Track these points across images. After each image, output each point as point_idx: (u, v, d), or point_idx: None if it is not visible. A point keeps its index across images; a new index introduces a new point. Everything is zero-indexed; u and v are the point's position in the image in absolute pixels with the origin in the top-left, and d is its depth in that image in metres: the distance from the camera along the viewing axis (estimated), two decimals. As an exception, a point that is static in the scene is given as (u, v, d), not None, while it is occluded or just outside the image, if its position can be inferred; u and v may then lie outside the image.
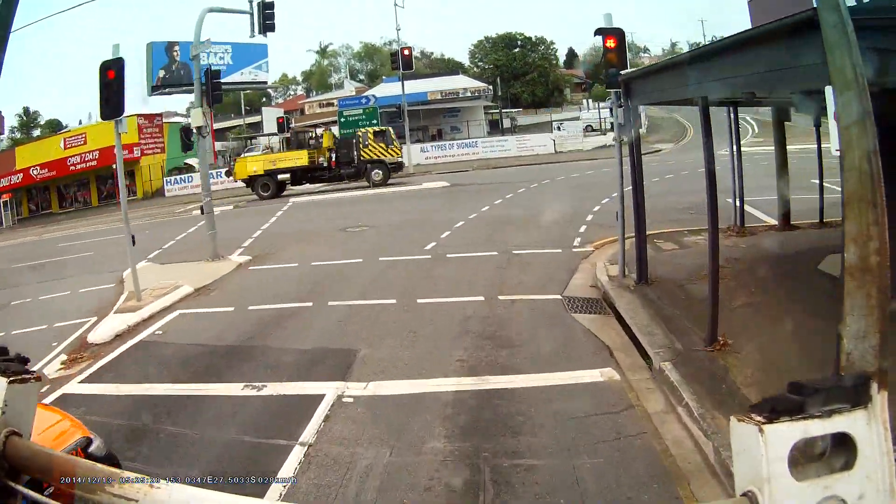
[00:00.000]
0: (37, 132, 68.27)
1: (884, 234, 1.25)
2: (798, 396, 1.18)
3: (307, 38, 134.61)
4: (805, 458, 1.19)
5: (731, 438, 1.21)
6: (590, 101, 64.83)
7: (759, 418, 1.16)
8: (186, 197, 39.68)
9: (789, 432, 1.15)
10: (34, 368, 2.09)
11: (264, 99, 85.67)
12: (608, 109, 49.24)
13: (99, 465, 1.34)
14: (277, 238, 17.51)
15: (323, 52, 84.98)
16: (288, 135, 53.61)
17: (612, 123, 41.58)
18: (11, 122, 68.99)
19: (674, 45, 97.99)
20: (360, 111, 35.83)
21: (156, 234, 21.86)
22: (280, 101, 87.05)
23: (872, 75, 3.67)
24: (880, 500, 1.18)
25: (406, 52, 30.98)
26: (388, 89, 44.19)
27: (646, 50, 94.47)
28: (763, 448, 1.13)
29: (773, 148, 15.34)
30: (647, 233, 14.23)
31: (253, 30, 19.19)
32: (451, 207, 19.58)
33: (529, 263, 12.21)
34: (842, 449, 1.20)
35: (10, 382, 1.42)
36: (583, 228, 15.09)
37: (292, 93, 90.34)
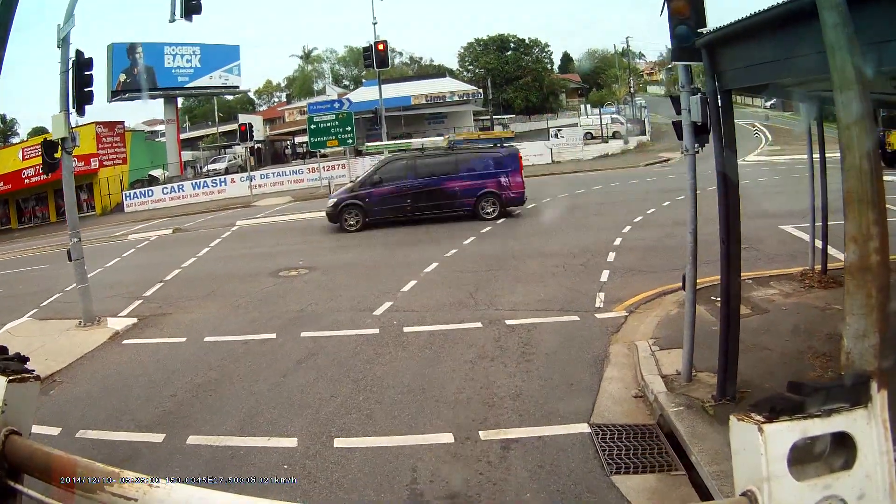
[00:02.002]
0: (16, 141, 63.55)
1: (884, 234, 1.26)
2: (798, 396, 1.18)
3: (294, 43, 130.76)
4: (805, 458, 1.19)
5: (730, 438, 1.22)
6: (588, 106, 60.82)
7: (758, 418, 1.16)
8: (147, 213, 35.43)
9: (789, 432, 1.14)
10: None
11: (250, 106, 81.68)
12: (608, 116, 45.60)
13: (99, 465, 1.33)
14: (189, 285, 12.99)
15: (307, 56, 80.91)
16: (258, 145, 49.39)
17: (624, 129, 37.36)
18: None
19: (670, 50, 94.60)
20: (333, 117, 31.31)
21: (64, 271, 17.61)
22: (264, 108, 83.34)
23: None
24: (880, 499, 1.17)
25: (381, 46, 26.45)
26: (366, 94, 39.80)
27: (641, 55, 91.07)
28: (762, 447, 1.13)
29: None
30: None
31: (174, 12, 14.92)
32: (424, 239, 15.11)
33: (530, 348, 7.74)
34: (841, 448, 1.19)
35: (10, 381, 1.45)
36: (605, 276, 10.66)
37: (276, 99, 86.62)
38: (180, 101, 75.79)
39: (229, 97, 73.11)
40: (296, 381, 7.28)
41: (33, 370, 1.54)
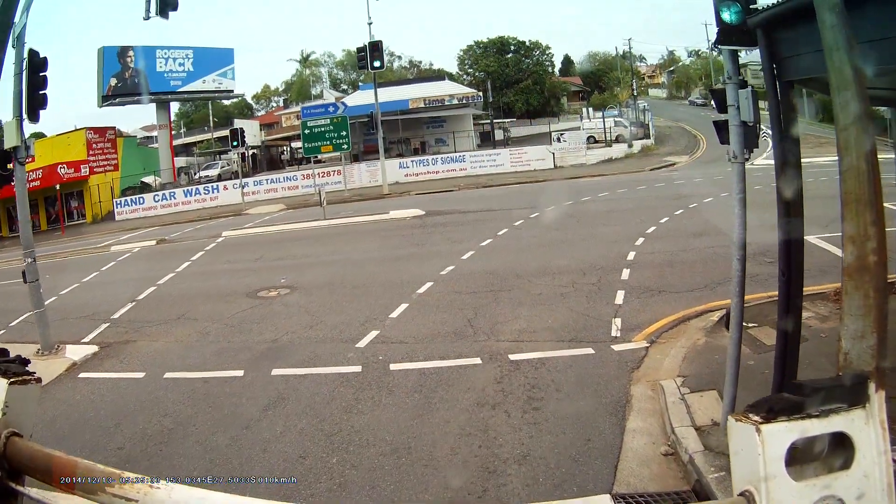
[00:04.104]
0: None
1: (882, 234, 1.25)
2: (796, 396, 1.19)
3: (293, 48, 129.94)
4: (803, 458, 1.19)
5: (728, 438, 1.22)
6: (590, 109, 59.64)
7: (756, 418, 1.17)
8: (137, 221, 34.39)
9: (787, 432, 1.15)
10: None
11: (248, 111, 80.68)
12: (612, 119, 44.39)
13: (99, 466, 1.34)
14: (160, 306, 11.84)
15: (305, 60, 79.87)
16: (253, 150, 48.23)
17: (628, 132, 36.17)
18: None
19: (671, 52, 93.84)
20: (327, 121, 30.11)
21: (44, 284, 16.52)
22: (262, 113, 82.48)
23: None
24: (878, 498, 1.17)
25: (375, 46, 25.28)
26: (362, 98, 38.62)
27: (642, 59, 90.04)
28: (760, 448, 1.13)
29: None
30: (711, 303, 9.04)
31: (149, 9, 13.91)
32: (419, 254, 13.96)
33: (538, 391, 6.56)
34: (840, 448, 1.19)
35: (11, 384, 1.46)
36: (620, 297, 9.49)
37: (275, 104, 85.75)
38: (177, 105, 74.96)
39: (226, 102, 72.28)
40: (259, 433, 6.10)
41: (34, 372, 1.53)
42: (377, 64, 25.67)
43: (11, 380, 1.45)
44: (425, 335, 8.24)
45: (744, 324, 8.57)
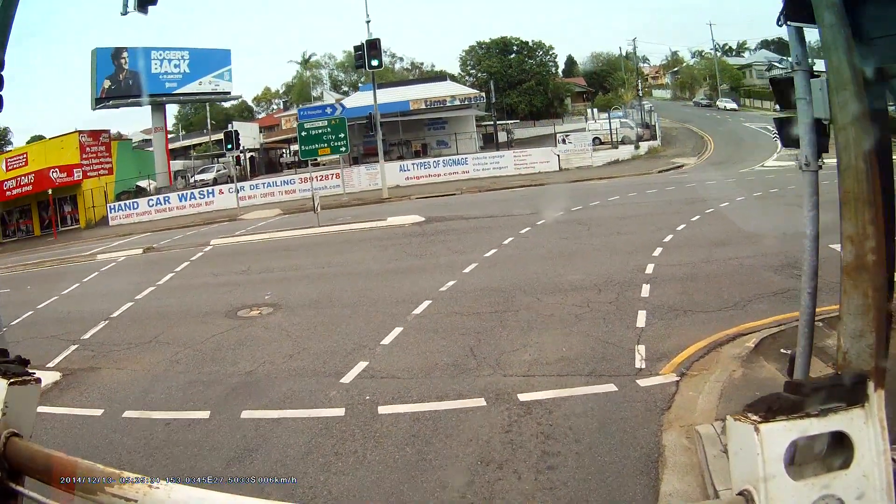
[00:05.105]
0: (9, 149, 61.68)
1: (880, 233, 1.24)
2: (795, 395, 1.18)
3: (294, 50, 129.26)
4: (802, 457, 1.19)
5: (727, 438, 1.21)
6: (595, 110, 58.51)
7: (755, 417, 1.16)
8: (131, 226, 33.51)
9: (786, 431, 1.14)
10: None
11: (248, 114, 79.82)
12: (617, 120, 43.26)
13: (99, 466, 1.33)
14: (134, 326, 10.82)
15: (305, 62, 78.94)
16: (251, 153, 47.23)
17: (634, 133, 35.04)
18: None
19: (674, 53, 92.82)
20: (325, 123, 29.08)
21: (20, 298, 15.70)
22: (262, 115, 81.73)
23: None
24: (878, 498, 1.16)
25: (373, 44, 24.21)
26: (361, 99, 37.62)
27: (645, 60, 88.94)
28: (759, 447, 1.12)
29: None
30: (744, 325, 8.08)
31: (126, 4, 12.89)
32: (417, 266, 12.88)
33: (554, 442, 5.49)
34: (839, 448, 1.19)
35: (11, 384, 1.49)
36: (642, 319, 8.42)
37: (275, 107, 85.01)
38: (177, 108, 74.03)
39: (226, 104, 71.40)
40: (218, 500, 5.05)
41: (34, 373, 1.55)
42: (375, 63, 24.61)
43: (11, 380, 1.47)
44: (421, 368, 7.16)
45: (781, 350, 7.57)
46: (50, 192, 37.12)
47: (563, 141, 36.38)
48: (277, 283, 12.33)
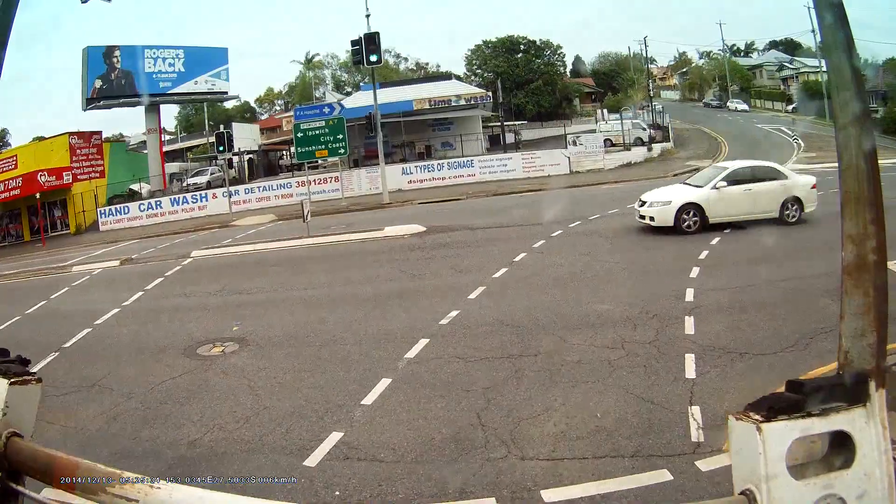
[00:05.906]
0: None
1: (882, 233, 1.23)
2: (796, 395, 1.16)
3: (297, 50, 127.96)
4: (804, 457, 1.18)
5: (729, 437, 1.17)
6: (604, 111, 56.69)
7: (756, 417, 1.14)
8: (121, 232, 31.93)
9: (787, 431, 1.13)
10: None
11: (250, 115, 78.36)
12: (628, 121, 41.54)
13: (99, 466, 1.31)
14: (81, 362, 9.13)
15: (308, 62, 77.39)
16: (249, 155, 45.59)
17: (647, 135, 33.14)
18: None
19: (682, 54, 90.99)
20: (322, 124, 27.41)
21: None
22: (265, 116, 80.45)
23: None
24: (879, 498, 1.16)
25: (372, 39, 22.48)
26: (361, 99, 35.93)
27: (652, 60, 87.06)
28: (761, 447, 1.11)
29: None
30: (812, 372, 6.54)
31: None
32: (414, 290, 11.08)
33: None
34: (840, 447, 1.18)
35: (12, 384, 1.43)
36: (690, 365, 6.70)
37: (278, 108, 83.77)
38: (175, 109, 72.54)
39: (227, 105, 69.94)
40: None
41: (35, 373, 1.48)
42: (374, 58, 22.89)
43: (12, 380, 1.41)
44: (411, 445, 5.41)
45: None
46: (38, 196, 35.59)
47: (574, 143, 34.61)
48: (250, 308, 10.60)
